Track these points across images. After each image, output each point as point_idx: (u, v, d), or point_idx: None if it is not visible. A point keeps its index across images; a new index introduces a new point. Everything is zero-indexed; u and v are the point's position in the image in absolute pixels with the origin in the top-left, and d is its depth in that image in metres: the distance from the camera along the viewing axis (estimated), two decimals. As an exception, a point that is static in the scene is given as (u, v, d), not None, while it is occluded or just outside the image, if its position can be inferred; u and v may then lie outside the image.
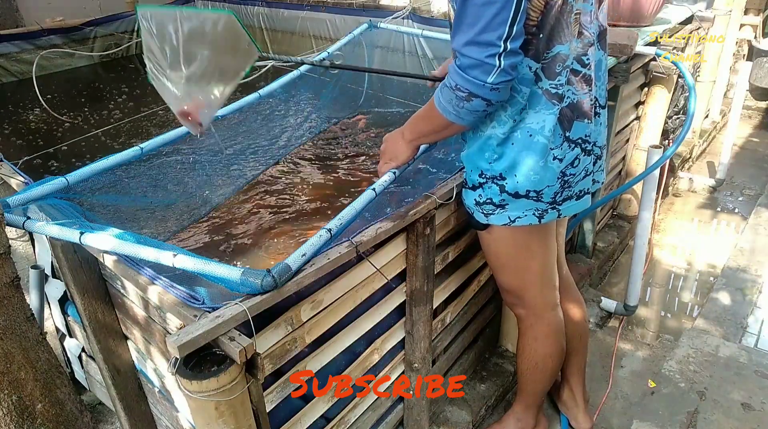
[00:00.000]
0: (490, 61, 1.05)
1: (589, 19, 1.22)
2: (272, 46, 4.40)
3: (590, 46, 1.23)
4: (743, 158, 4.13)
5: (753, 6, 4.34)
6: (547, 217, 1.34)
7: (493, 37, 1.04)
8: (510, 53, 1.06)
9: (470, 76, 1.08)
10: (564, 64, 1.19)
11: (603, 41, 1.29)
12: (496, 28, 1.03)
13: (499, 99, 1.12)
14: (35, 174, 1.77)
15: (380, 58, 3.33)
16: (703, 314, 2.41)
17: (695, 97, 2.21)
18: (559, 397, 1.90)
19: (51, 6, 4.95)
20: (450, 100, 1.15)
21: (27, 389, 1.26)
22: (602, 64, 1.31)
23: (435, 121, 1.24)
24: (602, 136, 1.37)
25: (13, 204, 1.25)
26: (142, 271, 1.10)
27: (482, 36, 1.04)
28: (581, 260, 2.64)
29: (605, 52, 1.32)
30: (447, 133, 1.28)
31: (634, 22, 2.57)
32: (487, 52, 1.05)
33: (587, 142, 1.30)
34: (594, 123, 1.30)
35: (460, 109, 1.15)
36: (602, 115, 1.34)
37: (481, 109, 1.14)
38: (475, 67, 1.07)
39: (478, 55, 1.05)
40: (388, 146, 1.42)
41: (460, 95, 1.12)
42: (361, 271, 1.28)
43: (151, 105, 3.52)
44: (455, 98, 1.13)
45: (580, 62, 1.22)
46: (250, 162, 2.48)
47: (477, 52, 1.05)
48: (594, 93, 1.28)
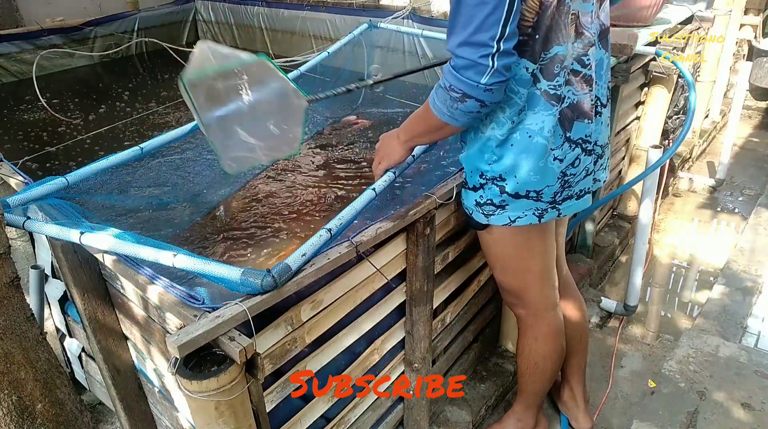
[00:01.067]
0: (483, 61, 1.05)
1: (589, 19, 1.21)
2: (272, 46, 4.41)
3: (591, 46, 1.23)
4: (743, 158, 4.13)
5: (753, 6, 4.34)
6: (547, 216, 1.34)
7: (486, 37, 1.04)
8: (503, 54, 1.06)
9: (464, 76, 1.08)
10: (562, 64, 1.19)
11: (605, 40, 1.29)
12: (489, 29, 1.03)
13: (492, 100, 1.12)
14: (35, 174, 1.77)
15: (380, 58, 3.33)
16: (703, 314, 2.41)
17: (695, 97, 2.21)
18: (560, 397, 1.90)
19: (51, 6, 4.94)
20: (444, 100, 1.15)
21: (27, 389, 1.26)
22: (604, 64, 1.31)
23: (429, 122, 1.24)
24: (603, 135, 1.37)
25: (13, 204, 1.25)
26: (142, 271, 1.10)
27: (475, 36, 1.04)
28: (581, 260, 2.64)
29: (607, 51, 1.31)
30: (441, 134, 1.28)
31: (634, 22, 2.57)
32: (481, 52, 1.05)
33: (588, 142, 1.30)
34: (595, 123, 1.30)
35: (454, 110, 1.15)
36: (603, 113, 1.35)
37: (475, 110, 1.14)
38: (469, 68, 1.07)
39: (472, 56, 1.06)
40: (382, 145, 1.42)
41: (454, 96, 1.12)
42: (361, 271, 1.28)
43: (150, 105, 3.52)
44: (449, 99, 1.13)
45: (580, 62, 1.22)
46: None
47: (470, 52, 1.05)
48: (595, 92, 1.28)
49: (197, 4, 4.79)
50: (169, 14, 4.64)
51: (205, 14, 4.81)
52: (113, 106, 3.53)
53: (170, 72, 4.13)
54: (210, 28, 4.86)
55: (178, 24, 4.74)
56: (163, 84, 3.96)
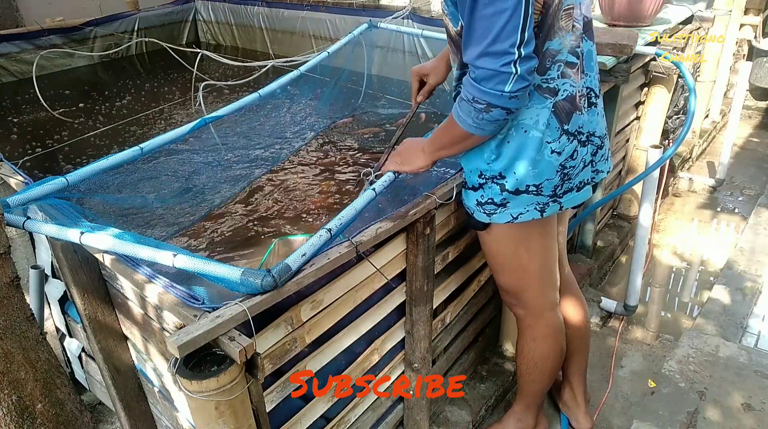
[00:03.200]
0: (505, 69, 1.05)
1: (579, 12, 1.24)
2: (272, 46, 4.41)
3: (581, 38, 1.25)
4: (743, 158, 4.13)
5: (753, 6, 4.33)
6: (549, 210, 1.34)
7: (506, 45, 1.04)
8: (525, 59, 1.06)
9: (487, 87, 1.08)
10: (554, 58, 1.20)
11: (589, 32, 1.30)
12: (508, 37, 1.04)
13: (518, 106, 1.13)
14: (35, 174, 1.77)
15: (380, 58, 3.34)
16: (703, 314, 2.41)
17: (695, 97, 2.21)
18: (560, 397, 1.90)
19: (51, 6, 4.96)
20: (469, 112, 1.15)
21: (27, 389, 1.26)
22: (592, 55, 1.32)
23: (455, 133, 1.24)
24: (600, 126, 1.37)
25: (13, 204, 1.25)
26: (142, 271, 1.10)
27: (495, 46, 1.04)
28: (581, 260, 2.64)
29: (593, 42, 1.33)
30: (467, 144, 1.27)
31: (634, 22, 2.57)
32: (502, 61, 1.05)
33: (581, 133, 1.30)
34: (589, 113, 1.30)
35: (480, 121, 1.15)
36: (598, 104, 1.35)
37: (501, 119, 1.14)
38: (491, 78, 1.07)
39: (493, 66, 1.05)
40: (406, 149, 1.41)
41: (478, 107, 1.12)
42: (361, 271, 1.28)
43: (150, 105, 3.52)
44: (474, 110, 1.13)
45: (574, 54, 1.23)
46: (250, 161, 2.48)
47: (491, 62, 1.05)
48: (587, 83, 1.29)
49: (197, 4, 4.79)
50: (169, 14, 4.64)
51: (205, 14, 4.81)
52: (113, 106, 3.53)
53: (170, 72, 4.13)
54: (210, 28, 4.87)
55: (178, 24, 4.74)
56: (163, 84, 3.96)
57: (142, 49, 4.45)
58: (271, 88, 2.07)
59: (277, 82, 2.10)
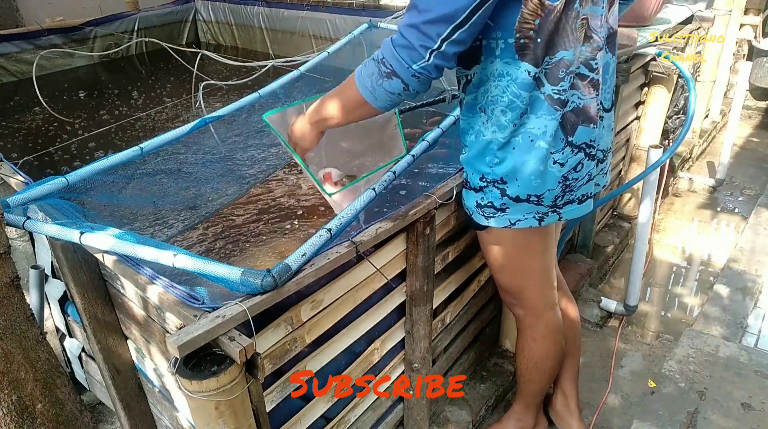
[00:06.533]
0: (421, 50, 1.08)
1: (599, 23, 1.20)
2: (272, 46, 4.41)
3: (599, 50, 1.22)
4: (743, 158, 4.13)
5: (753, 6, 4.33)
6: (548, 219, 1.33)
7: (433, 32, 1.06)
8: (441, 54, 1.08)
9: (400, 55, 1.10)
10: (568, 69, 1.18)
11: (612, 44, 1.28)
12: (440, 25, 1.05)
13: (417, 88, 1.15)
14: (35, 174, 1.77)
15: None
16: (703, 314, 2.41)
17: (695, 96, 2.21)
18: (552, 406, 1.85)
19: (51, 6, 4.95)
20: (371, 73, 1.16)
21: (27, 389, 1.26)
22: (610, 68, 1.29)
23: (349, 96, 1.24)
24: (606, 140, 1.36)
25: (13, 204, 1.25)
26: (142, 271, 1.10)
27: (425, 26, 1.06)
28: (581, 260, 2.64)
29: (614, 55, 1.30)
30: (354, 114, 1.27)
31: (634, 22, 2.57)
32: (423, 42, 1.07)
33: (592, 146, 1.28)
34: (599, 127, 1.30)
35: (377, 86, 1.16)
36: (606, 118, 1.33)
37: (396, 92, 1.15)
38: (406, 48, 1.09)
39: (414, 41, 1.08)
40: (293, 130, 1.42)
41: (383, 70, 1.14)
42: (361, 271, 1.28)
43: (150, 105, 3.52)
44: (377, 72, 1.15)
45: (587, 66, 1.21)
46: (250, 161, 2.48)
47: (414, 37, 1.08)
48: (599, 97, 1.26)
49: (197, 4, 4.79)
50: (169, 14, 4.64)
51: (205, 14, 4.81)
52: (113, 106, 3.53)
53: (170, 72, 4.13)
54: (210, 28, 4.87)
55: (178, 24, 4.74)
56: (163, 84, 3.96)
57: (142, 49, 4.45)
58: (271, 88, 2.07)
59: (277, 82, 2.10)
